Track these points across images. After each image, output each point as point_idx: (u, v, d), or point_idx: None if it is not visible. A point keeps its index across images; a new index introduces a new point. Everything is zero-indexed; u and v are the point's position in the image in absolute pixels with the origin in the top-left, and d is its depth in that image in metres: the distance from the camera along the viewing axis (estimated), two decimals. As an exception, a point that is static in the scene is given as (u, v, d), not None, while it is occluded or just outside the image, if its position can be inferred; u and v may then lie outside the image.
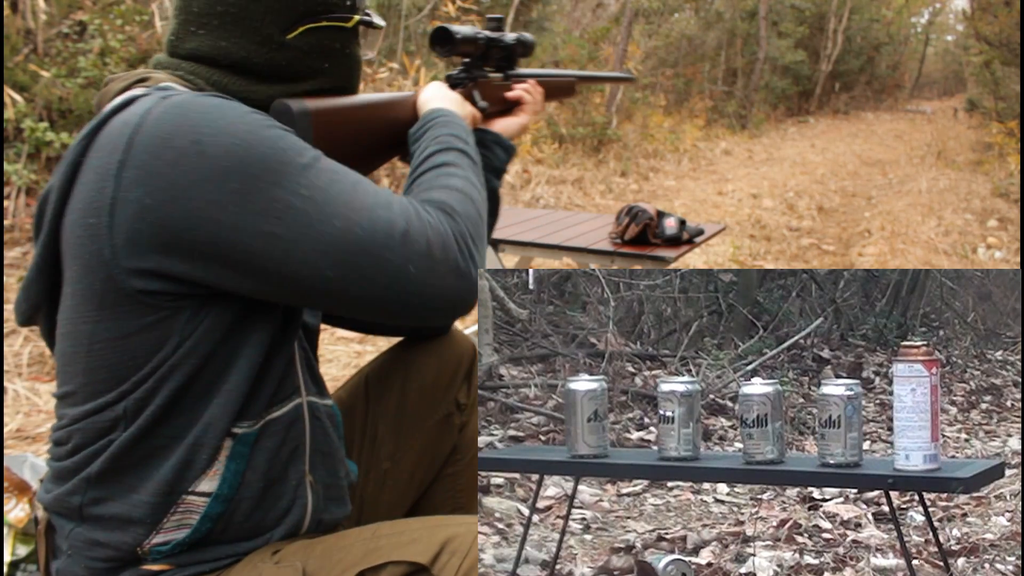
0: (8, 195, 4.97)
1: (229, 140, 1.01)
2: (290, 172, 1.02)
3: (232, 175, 1.00)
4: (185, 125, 1.01)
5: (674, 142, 11.73)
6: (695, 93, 16.30)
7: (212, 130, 1.01)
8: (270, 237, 1.01)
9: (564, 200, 7.87)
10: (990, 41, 12.37)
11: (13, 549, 1.74)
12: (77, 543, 1.14)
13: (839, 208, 8.63)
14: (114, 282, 1.04)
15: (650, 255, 3.06)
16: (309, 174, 1.03)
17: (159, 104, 1.04)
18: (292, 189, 1.01)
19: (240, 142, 1.01)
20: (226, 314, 1.08)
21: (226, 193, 1.00)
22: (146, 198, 1.00)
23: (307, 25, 1.20)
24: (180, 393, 1.09)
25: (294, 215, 1.01)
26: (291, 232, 1.01)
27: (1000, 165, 10.58)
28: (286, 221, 1.01)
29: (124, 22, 5.70)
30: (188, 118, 1.02)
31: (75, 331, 1.10)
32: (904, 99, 29.21)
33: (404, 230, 1.04)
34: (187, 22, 1.19)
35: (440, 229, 1.07)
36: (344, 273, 1.03)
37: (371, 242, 1.03)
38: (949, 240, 6.83)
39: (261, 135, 1.02)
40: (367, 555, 1.09)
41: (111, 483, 1.11)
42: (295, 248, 1.01)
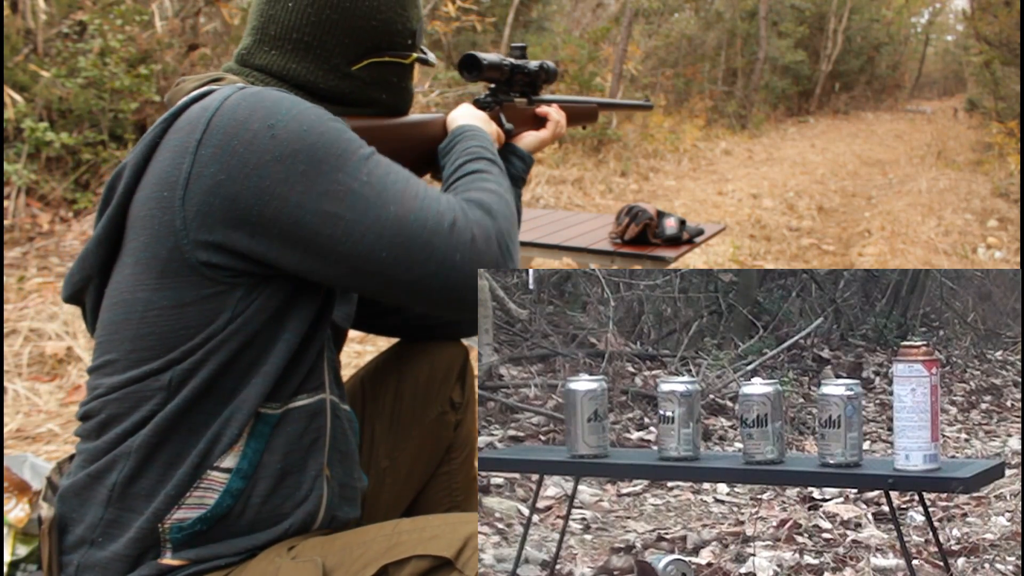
0: (8, 195, 4.97)
1: (299, 126, 1.09)
2: (352, 160, 1.10)
3: (300, 157, 1.08)
4: (260, 110, 1.10)
5: (674, 142, 11.73)
6: (695, 93, 16.30)
7: (284, 116, 1.09)
8: (331, 217, 1.08)
9: (564, 200, 7.87)
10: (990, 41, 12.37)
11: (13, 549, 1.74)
12: (102, 529, 1.15)
13: (839, 208, 8.63)
14: (180, 252, 1.10)
15: (650, 255, 3.06)
16: (369, 164, 1.12)
17: (236, 92, 1.13)
18: (353, 175, 1.09)
19: (309, 129, 1.09)
20: (275, 297, 1.14)
21: (294, 174, 1.08)
22: (220, 174, 1.08)
23: (371, 59, 1.29)
24: (223, 369, 1.13)
25: (354, 198, 1.09)
26: (351, 213, 1.08)
27: (1000, 165, 10.58)
28: (347, 203, 1.08)
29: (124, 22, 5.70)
30: (263, 104, 1.11)
31: (131, 299, 1.14)
32: (904, 99, 29.22)
33: (452, 221, 1.12)
34: (262, 41, 1.28)
35: (484, 224, 1.15)
36: (397, 255, 1.09)
37: (422, 229, 1.10)
38: (949, 240, 6.83)
39: (328, 125, 1.11)
40: (389, 550, 1.11)
41: (151, 458, 1.14)
42: (354, 229, 1.09)
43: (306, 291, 1.17)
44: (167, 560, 1.14)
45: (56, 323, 3.63)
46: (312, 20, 1.25)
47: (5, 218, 4.85)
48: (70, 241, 4.87)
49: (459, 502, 1.67)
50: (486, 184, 1.25)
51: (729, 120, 15.65)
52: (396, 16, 1.30)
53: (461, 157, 1.31)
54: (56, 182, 5.25)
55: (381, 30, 1.29)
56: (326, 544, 1.16)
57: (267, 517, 1.18)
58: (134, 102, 5.50)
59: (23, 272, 4.44)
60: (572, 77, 10.71)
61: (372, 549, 1.12)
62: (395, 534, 1.13)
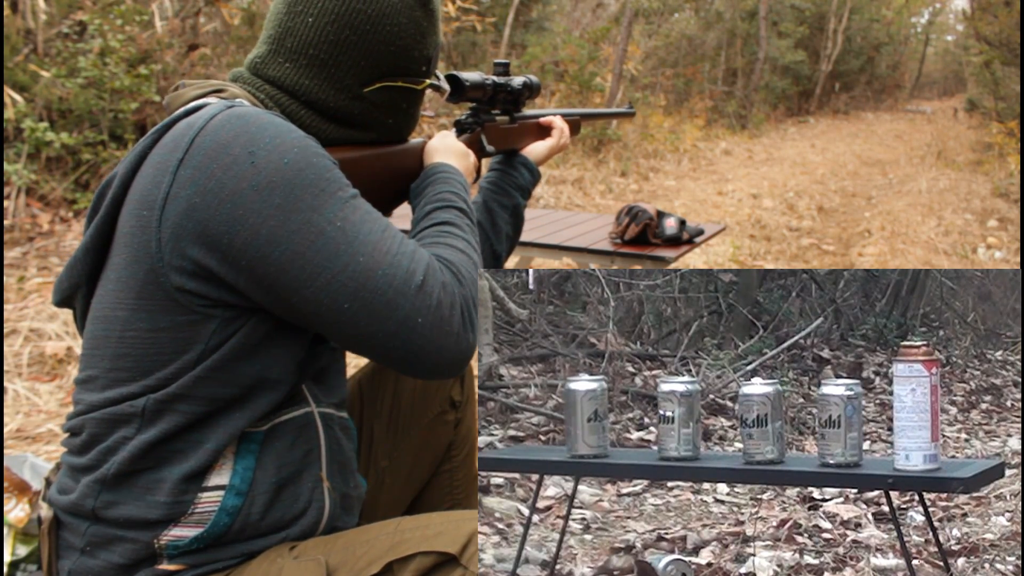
0: (8, 195, 4.97)
1: (279, 157, 1.06)
2: (330, 201, 1.07)
3: (277, 190, 1.05)
4: (244, 135, 1.07)
5: (674, 142, 11.73)
6: (695, 93, 16.30)
7: (267, 145, 1.07)
8: (299, 257, 1.05)
9: (564, 200, 7.88)
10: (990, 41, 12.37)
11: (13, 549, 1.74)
12: (94, 540, 1.14)
13: (839, 208, 8.63)
14: (155, 274, 1.09)
15: (650, 255, 3.06)
16: (346, 208, 1.08)
17: (223, 112, 1.10)
18: (328, 217, 1.06)
19: (290, 162, 1.07)
20: (254, 334, 1.12)
21: (269, 206, 1.05)
22: (195, 196, 1.06)
23: (384, 83, 1.28)
24: (199, 405, 1.12)
25: (324, 241, 1.06)
26: (319, 257, 1.06)
27: (1000, 165, 10.58)
28: (317, 245, 1.05)
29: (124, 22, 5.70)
30: (247, 129, 1.08)
31: (111, 316, 1.13)
32: (904, 99, 29.22)
33: (420, 283, 1.09)
34: (277, 52, 1.27)
35: (451, 290, 1.12)
36: (359, 309, 1.07)
37: (388, 286, 1.07)
38: (949, 240, 6.83)
39: (311, 160, 1.08)
40: (394, 547, 1.11)
41: (125, 486, 1.13)
42: (319, 274, 1.06)
43: (291, 328, 1.14)
44: (164, 566, 1.14)
45: (56, 323, 3.63)
46: (331, 39, 1.24)
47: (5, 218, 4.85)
48: (70, 241, 4.87)
49: (460, 500, 1.67)
50: (455, 241, 1.22)
51: (729, 120, 15.65)
52: (415, 43, 1.29)
53: (432, 203, 1.28)
54: (56, 182, 5.25)
55: (398, 55, 1.28)
56: (328, 543, 1.16)
57: (268, 527, 1.18)
58: (134, 102, 5.50)
59: (23, 272, 4.44)
60: (572, 77, 10.71)
61: (376, 547, 1.12)
62: (398, 532, 1.13)
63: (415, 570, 1.09)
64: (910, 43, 31.27)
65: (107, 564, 1.14)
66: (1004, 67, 12.15)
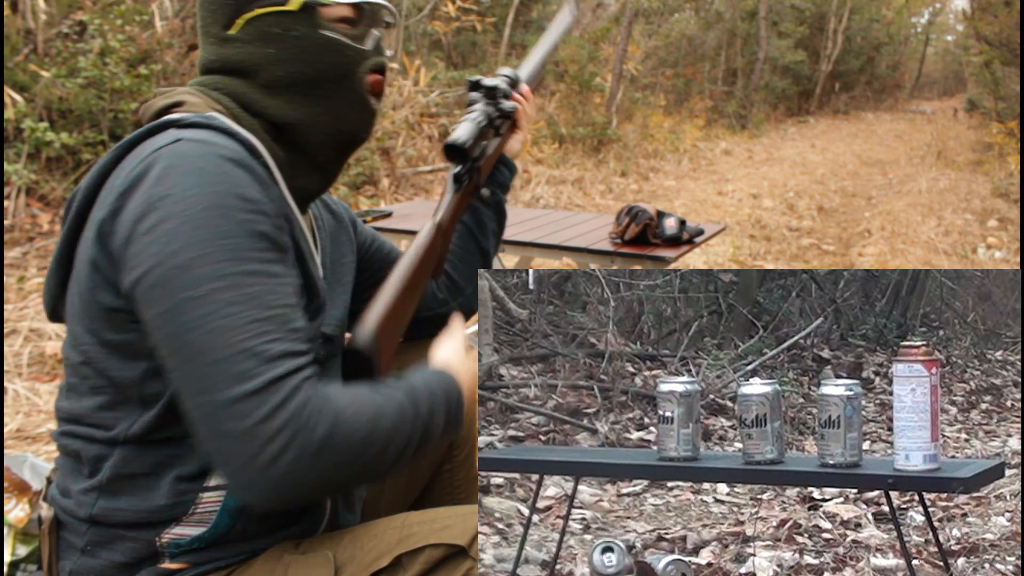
0: (8, 195, 4.97)
1: (183, 208, 1.03)
2: (209, 267, 1.01)
3: (169, 242, 1.02)
4: (171, 175, 1.05)
5: (674, 142, 11.73)
6: (695, 93, 16.30)
7: (180, 192, 1.04)
8: (159, 306, 1.02)
9: (564, 200, 7.88)
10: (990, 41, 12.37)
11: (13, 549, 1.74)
12: (95, 539, 1.15)
13: (839, 208, 8.63)
14: (94, 292, 1.09)
15: (650, 255, 3.06)
16: (224, 280, 1.01)
17: (169, 146, 1.08)
18: (195, 283, 1.01)
19: (191, 216, 1.02)
20: None
21: (157, 253, 1.02)
22: (117, 224, 1.06)
23: (244, 17, 1.22)
24: (167, 420, 1.10)
25: (182, 301, 1.01)
26: (172, 314, 1.01)
27: (1000, 165, 10.58)
28: (171, 302, 1.01)
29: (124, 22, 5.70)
30: (176, 169, 1.05)
31: (74, 328, 1.14)
32: (904, 99, 29.22)
33: (249, 393, 0.98)
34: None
35: (292, 423, 0.99)
36: (180, 379, 1.02)
37: (210, 376, 0.99)
38: (949, 240, 6.83)
39: (212, 219, 1.03)
40: (402, 541, 1.11)
41: (121, 492, 1.13)
42: (163, 327, 1.02)
43: None
44: (166, 565, 1.14)
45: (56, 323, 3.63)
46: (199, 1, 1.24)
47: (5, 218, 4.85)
48: (70, 241, 4.87)
49: (461, 500, 1.66)
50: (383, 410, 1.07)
51: (729, 120, 15.65)
52: None
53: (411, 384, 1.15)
54: (56, 182, 5.25)
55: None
56: (335, 539, 1.16)
57: (270, 528, 1.18)
58: (134, 102, 5.50)
59: (23, 272, 4.44)
60: (572, 77, 10.71)
61: (384, 541, 1.12)
62: (405, 526, 1.14)
63: (425, 562, 1.09)
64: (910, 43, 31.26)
65: (109, 563, 1.14)
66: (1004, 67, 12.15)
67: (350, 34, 1.24)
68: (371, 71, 1.27)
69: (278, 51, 1.22)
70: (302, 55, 1.22)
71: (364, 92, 1.26)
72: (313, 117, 1.24)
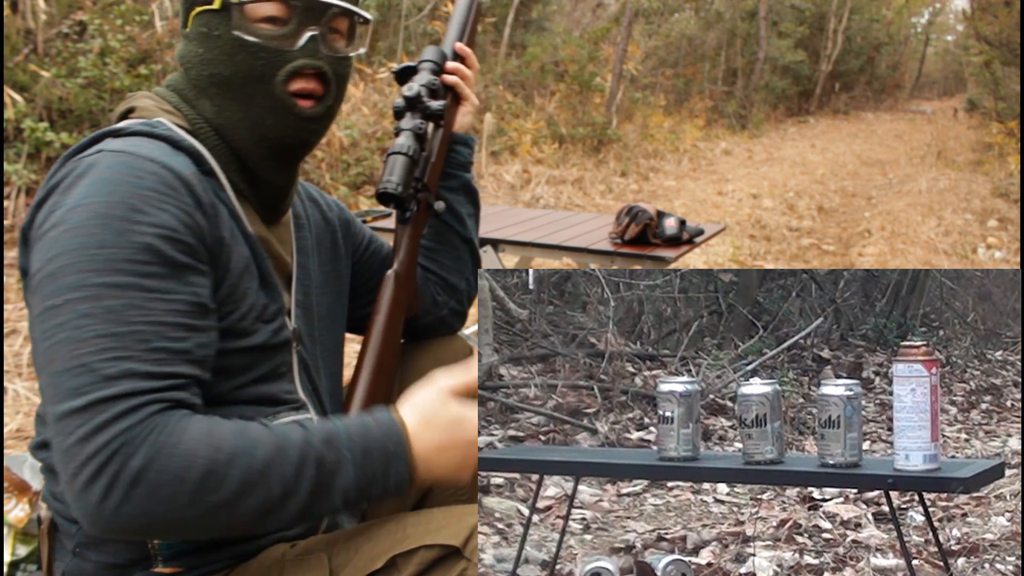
0: (8, 195, 4.97)
1: (72, 219, 1.02)
2: (75, 276, 1.00)
3: (52, 247, 1.02)
4: (79, 186, 1.05)
5: (674, 142, 11.73)
6: (695, 93, 16.30)
7: (74, 203, 1.03)
8: (37, 307, 1.03)
9: (564, 200, 7.87)
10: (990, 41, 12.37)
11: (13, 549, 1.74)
12: (84, 541, 1.14)
13: (839, 208, 8.63)
14: (28, 300, 1.09)
15: (650, 255, 3.06)
16: (84, 292, 0.99)
17: (84, 160, 1.08)
18: (58, 292, 1.00)
19: (75, 227, 1.02)
20: None
21: (42, 258, 1.03)
22: (32, 235, 1.08)
23: (191, 13, 1.21)
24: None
25: (51, 307, 1.00)
26: (42, 318, 1.01)
27: (1000, 165, 10.58)
28: (46, 305, 1.01)
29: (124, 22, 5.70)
30: (83, 180, 1.05)
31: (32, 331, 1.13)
32: (904, 99, 29.21)
33: (71, 411, 0.95)
34: None
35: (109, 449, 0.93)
36: (42, 383, 1.02)
37: (51, 388, 0.98)
38: (949, 240, 6.83)
39: (95, 230, 1.01)
40: (397, 543, 1.10)
41: None
42: (35, 328, 1.03)
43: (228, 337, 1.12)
44: (159, 569, 1.14)
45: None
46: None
47: (5, 218, 4.85)
48: (70, 241, 4.87)
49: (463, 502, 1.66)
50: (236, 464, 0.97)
51: (729, 120, 15.65)
52: None
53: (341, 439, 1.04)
54: (56, 182, 5.24)
55: None
56: (330, 541, 1.16)
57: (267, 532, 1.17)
58: (134, 102, 5.49)
59: (23, 272, 4.43)
60: (572, 77, 10.71)
61: (379, 543, 1.11)
62: (400, 527, 1.13)
63: (419, 563, 1.08)
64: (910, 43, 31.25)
65: (99, 565, 1.14)
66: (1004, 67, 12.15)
67: (273, 34, 1.18)
68: (296, 74, 1.19)
69: (205, 51, 1.20)
70: (220, 56, 1.19)
71: (284, 96, 1.19)
72: (235, 121, 1.20)
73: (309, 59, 1.19)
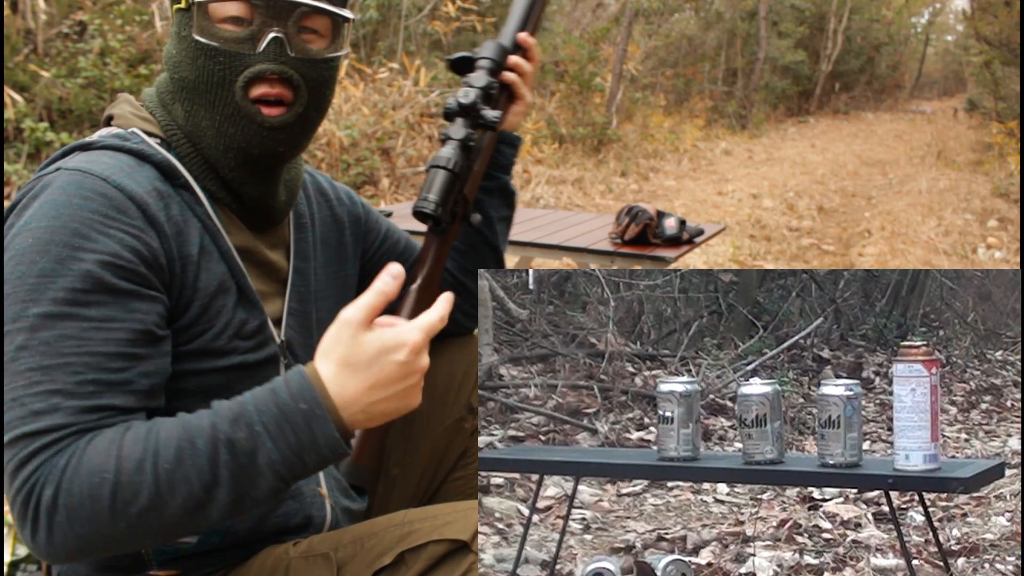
0: (8, 195, 4.97)
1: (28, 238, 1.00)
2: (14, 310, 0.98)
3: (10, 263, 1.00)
4: (40, 202, 1.02)
5: (674, 142, 11.73)
6: (695, 93, 16.31)
7: (33, 223, 1.01)
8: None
9: (564, 200, 7.88)
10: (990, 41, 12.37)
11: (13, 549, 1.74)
12: None
13: (839, 208, 8.63)
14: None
15: (650, 255, 3.06)
16: (21, 323, 0.97)
17: (43, 179, 1.05)
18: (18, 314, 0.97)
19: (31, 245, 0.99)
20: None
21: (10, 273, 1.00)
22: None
23: (173, 9, 1.17)
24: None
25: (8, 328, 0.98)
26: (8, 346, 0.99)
27: (1000, 165, 10.58)
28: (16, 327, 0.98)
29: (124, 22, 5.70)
30: (45, 197, 1.02)
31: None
32: (904, 99, 29.22)
33: (6, 444, 0.95)
34: None
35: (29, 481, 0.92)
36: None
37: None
38: (949, 240, 6.83)
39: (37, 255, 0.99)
40: (404, 538, 1.09)
41: None
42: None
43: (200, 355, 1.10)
44: (155, 572, 1.13)
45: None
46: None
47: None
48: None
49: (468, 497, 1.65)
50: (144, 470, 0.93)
51: (729, 120, 15.66)
52: None
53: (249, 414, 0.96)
54: (56, 182, 5.24)
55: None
56: (335, 538, 1.14)
57: (265, 534, 1.17)
58: (134, 102, 5.50)
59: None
60: (572, 77, 10.71)
61: (385, 539, 1.10)
62: (406, 523, 1.12)
63: (428, 559, 1.07)
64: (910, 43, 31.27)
65: (95, 568, 1.13)
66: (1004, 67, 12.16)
67: (234, 36, 1.10)
68: (257, 79, 1.11)
69: (176, 52, 1.15)
70: (185, 59, 1.13)
71: (245, 103, 1.11)
72: (203, 128, 1.14)
73: (270, 63, 1.10)
